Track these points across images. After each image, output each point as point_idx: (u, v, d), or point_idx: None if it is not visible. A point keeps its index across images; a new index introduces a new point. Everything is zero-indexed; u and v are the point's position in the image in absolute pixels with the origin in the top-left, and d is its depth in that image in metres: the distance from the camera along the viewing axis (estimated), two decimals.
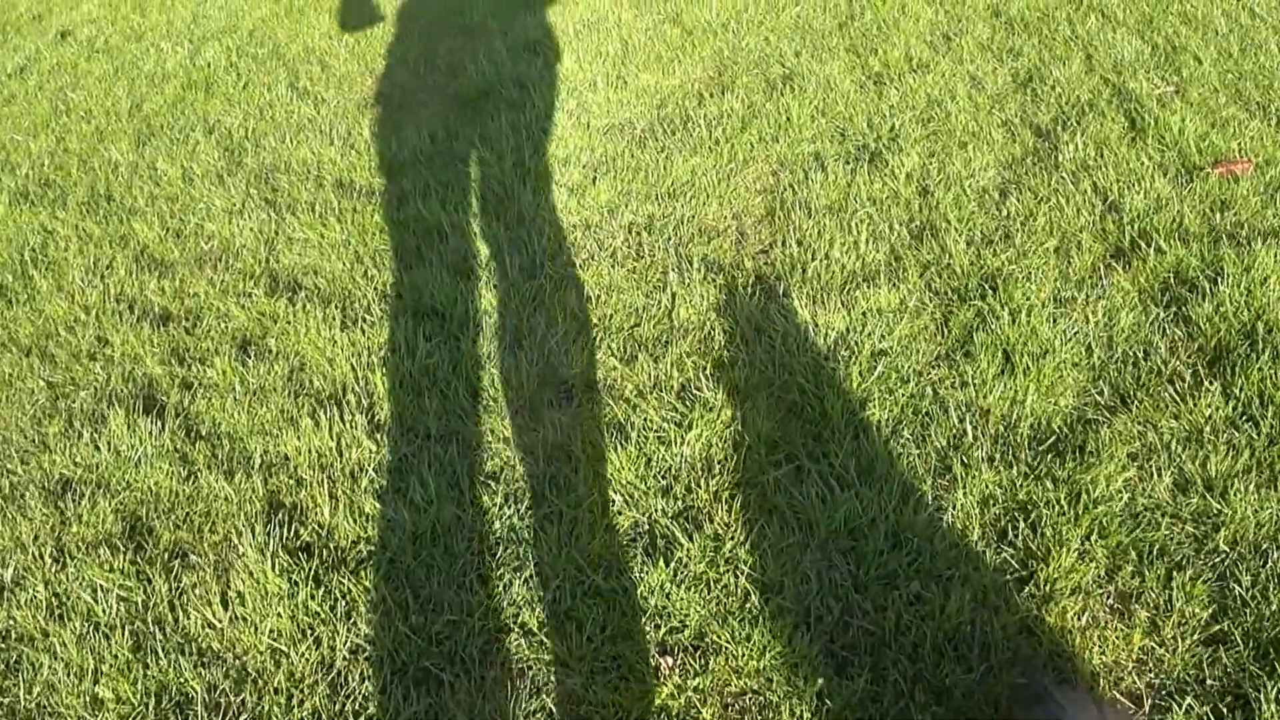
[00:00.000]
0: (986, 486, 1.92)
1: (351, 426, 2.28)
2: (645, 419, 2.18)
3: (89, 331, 2.84)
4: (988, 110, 3.23)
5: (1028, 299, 2.34)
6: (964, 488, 1.92)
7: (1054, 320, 2.29)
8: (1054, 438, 2.02)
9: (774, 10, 4.22)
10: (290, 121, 3.92)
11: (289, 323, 2.66)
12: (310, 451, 2.24)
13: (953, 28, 3.85)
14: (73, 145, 4.10)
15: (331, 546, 2.03)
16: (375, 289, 2.75)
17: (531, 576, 1.90)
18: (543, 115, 3.52)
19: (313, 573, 1.96)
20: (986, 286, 2.41)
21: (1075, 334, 2.25)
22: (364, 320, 2.63)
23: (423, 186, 3.19)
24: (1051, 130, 3.06)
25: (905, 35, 3.83)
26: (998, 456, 1.99)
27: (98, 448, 2.40)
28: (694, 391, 2.23)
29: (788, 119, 3.30)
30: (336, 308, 2.68)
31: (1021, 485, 1.92)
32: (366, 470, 2.17)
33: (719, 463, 2.05)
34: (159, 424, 2.42)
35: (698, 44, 4.01)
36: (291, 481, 2.19)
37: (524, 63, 4.04)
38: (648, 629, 1.79)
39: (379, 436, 2.26)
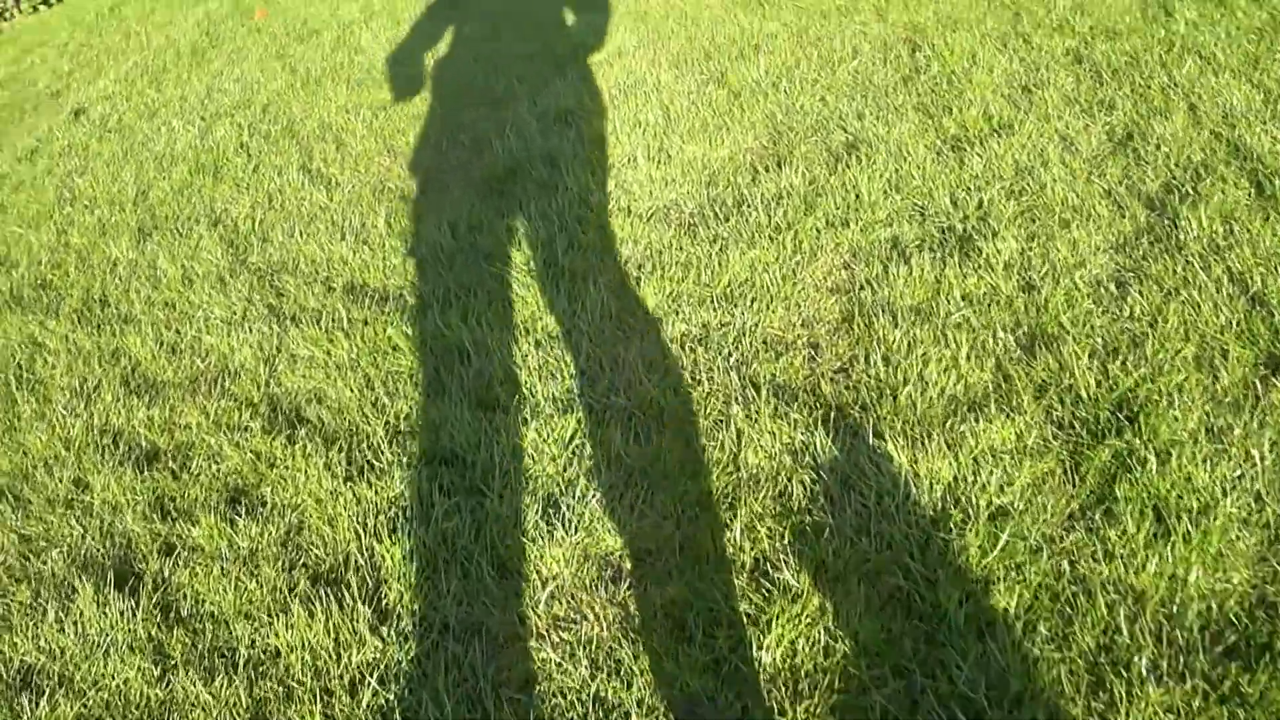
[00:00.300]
0: (1155, 713, 1.48)
1: (352, 617, 1.88)
2: (713, 608, 1.76)
3: (68, 472, 2.50)
4: (1085, 177, 2.79)
5: (1174, 433, 1.90)
6: (1127, 717, 1.48)
7: (1211, 462, 1.84)
8: (1231, 632, 1.57)
9: (829, 66, 3.81)
10: (300, 210, 3.56)
11: (287, 468, 2.28)
12: (303, 647, 1.85)
13: (1032, 78, 3.42)
14: (74, 239, 3.80)
15: None
16: (386, 425, 2.35)
17: None
18: (576, 200, 3.12)
19: None
20: (1122, 418, 1.96)
21: (1239, 479, 1.80)
22: (372, 467, 2.24)
23: (443, 292, 2.80)
24: (1165, 201, 2.61)
25: (980, 89, 3.40)
26: (1164, 665, 1.54)
27: (63, 629, 2.04)
28: (770, 570, 1.80)
29: (856, 196, 2.87)
30: (341, 451, 2.29)
31: (1201, 711, 1.47)
32: (369, 680, 1.76)
33: (807, 675, 1.62)
34: (133, 601, 2.06)
35: (747, 108, 3.60)
36: (280, 690, 1.80)
37: (555, 136, 3.65)
38: None
39: (385, 630, 1.85)
